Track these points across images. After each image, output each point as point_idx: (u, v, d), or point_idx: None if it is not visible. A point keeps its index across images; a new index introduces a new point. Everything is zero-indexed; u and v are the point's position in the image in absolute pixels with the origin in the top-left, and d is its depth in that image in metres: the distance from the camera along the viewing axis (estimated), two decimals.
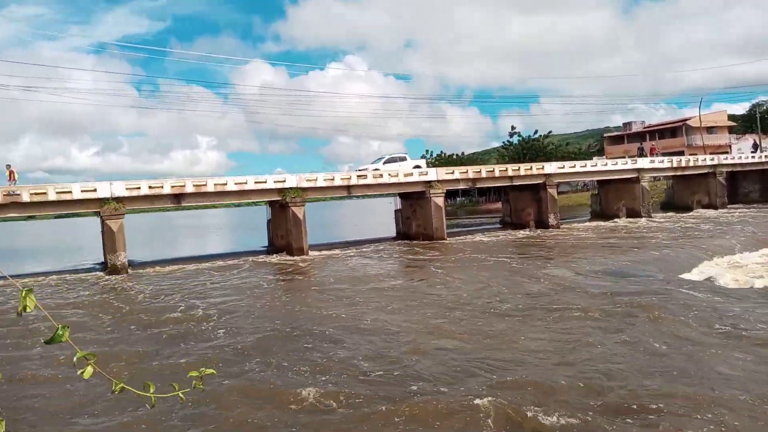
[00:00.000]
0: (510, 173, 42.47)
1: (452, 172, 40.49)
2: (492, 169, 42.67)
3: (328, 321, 16.33)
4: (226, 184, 33.64)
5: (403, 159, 40.96)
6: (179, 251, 44.77)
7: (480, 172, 41.74)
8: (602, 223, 44.42)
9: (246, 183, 34.22)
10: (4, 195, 27.80)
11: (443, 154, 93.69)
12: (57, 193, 29.22)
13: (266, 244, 39.83)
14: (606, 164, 48.61)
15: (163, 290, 23.72)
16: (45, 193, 28.94)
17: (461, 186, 42.65)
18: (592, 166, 48.08)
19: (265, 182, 34.79)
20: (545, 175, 43.12)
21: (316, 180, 36.22)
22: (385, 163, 39.98)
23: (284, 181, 35.21)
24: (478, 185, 44.53)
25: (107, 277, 28.95)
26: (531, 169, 43.32)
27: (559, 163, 45.88)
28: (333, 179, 36.80)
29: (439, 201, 38.38)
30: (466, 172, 41.21)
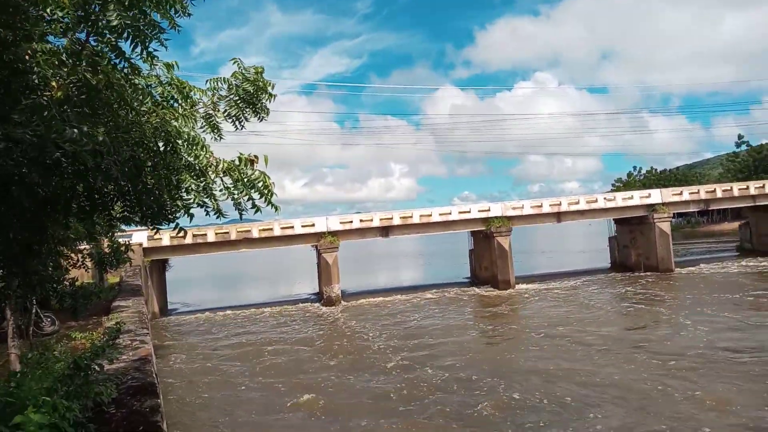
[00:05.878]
0: (753, 191, 35.89)
1: (680, 193, 35.35)
2: (729, 188, 36.42)
3: (550, 388, 14.46)
4: (430, 215, 33.38)
5: None
6: (384, 281, 45.66)
7: (714, 191, 35.85)
8: None
9: (450, 214, 33.63)
10: (237, 232, 30.86)
11: (653, 170, 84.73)
12: (281, 228, 31.67)
13: (468, 275, 38.74)
14: None
15: (376, 327, 23.76)
16: (271, 229, 31.54)
17: (691, 208, 37.02)
18: None
19: (469, 212, 33.84)
20: None
21: (522, 208, 34.30)
22: None
23: (488, 210, 33.93)
24: (712, 207, 38.33)
25: (323, 308, 30.22)
26: None
27: None
28: (541, 206, 34.51)
29: (665, 226, 33.68)
30: (697, 192, 35.69)
